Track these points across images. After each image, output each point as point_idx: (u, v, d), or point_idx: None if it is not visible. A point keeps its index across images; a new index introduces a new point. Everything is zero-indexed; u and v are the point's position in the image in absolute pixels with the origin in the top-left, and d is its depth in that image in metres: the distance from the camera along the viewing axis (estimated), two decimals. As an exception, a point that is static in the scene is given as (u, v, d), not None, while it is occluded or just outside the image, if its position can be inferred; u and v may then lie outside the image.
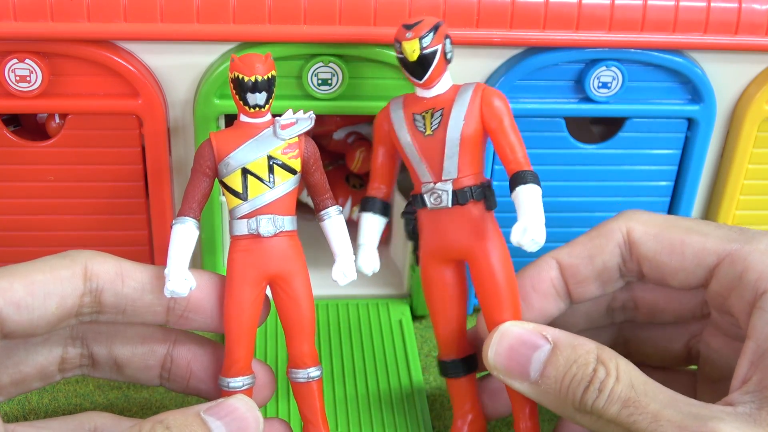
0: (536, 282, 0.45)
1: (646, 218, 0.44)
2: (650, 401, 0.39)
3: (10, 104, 0.50)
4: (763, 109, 0.54)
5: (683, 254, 0.43)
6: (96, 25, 0.48)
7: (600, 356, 0.41)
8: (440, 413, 0.53)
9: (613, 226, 0.45)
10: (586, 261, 0.45)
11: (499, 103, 0.45)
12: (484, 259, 0.45)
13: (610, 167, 0.55)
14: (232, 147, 0.44)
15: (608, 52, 0.52)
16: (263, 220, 0.44)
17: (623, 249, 0.44)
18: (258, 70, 0.43)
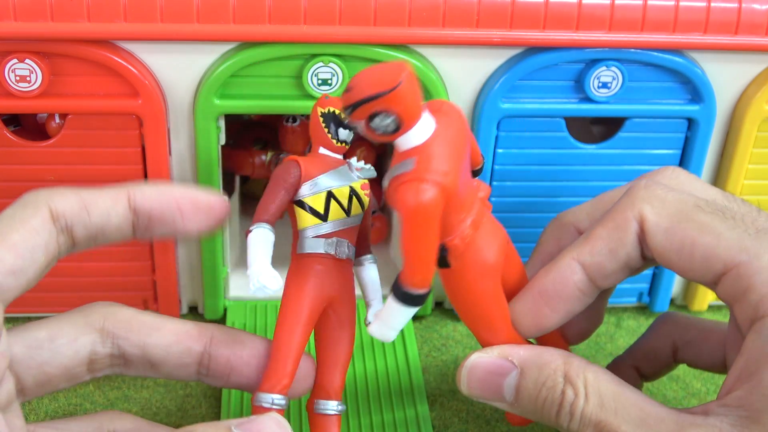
0: (561, 288, 0.43)
1: (660, 204, 0.41)
2: (621, 422, 0.39)
3: (10, 104, 0.50)
4: (763, 109, 0.54)
5: (692, 255, 0.40)
6: (96, 25, 0.48)
7: (567, 374, 0.41)
8: (440, 413, 0.53)
9: (628, 215, 0.42)
10: (609, 257, 0.42)
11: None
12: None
13: (610, 167, 0.55)
14: (319, 171, 0.44)
15: (608, 52, 0.52)
16: (341, 242, 0.45)
17: (641, 238, 0.42)
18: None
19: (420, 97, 0.38)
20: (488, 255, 0.43)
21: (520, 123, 0.53)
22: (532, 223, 0.56)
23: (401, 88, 0.37)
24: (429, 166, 0.38)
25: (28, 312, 0.55)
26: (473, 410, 0.53)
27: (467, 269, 0.43)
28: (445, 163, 0.38)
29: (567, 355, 0.42)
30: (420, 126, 0.39)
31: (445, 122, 0.40)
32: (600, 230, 0.42)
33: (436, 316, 0.60)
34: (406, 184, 0.38)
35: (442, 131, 0.39)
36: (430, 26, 0.50)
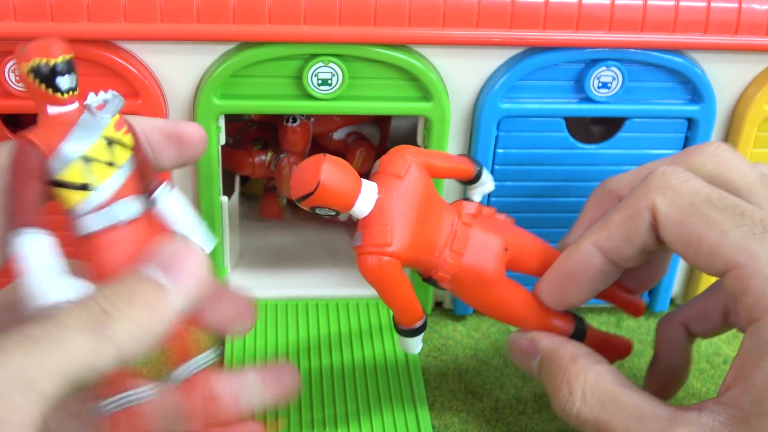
0: (582, 270, 0.45)
1: (673, 195, 0.42)
2: (619, 420, 0.41)
3: (10, 104, 0.50)
4: (763, 109, 0.54)
5: (698, 250, 0.41)
6: (96, 25, 0.48)
7: (568, 374, 0.44)
8: (440, 413, 0.53)
9: (641, 204, 0.43)
10: (626, 243, 0.44)
11: None
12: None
13: (610, 167, 0.55)
14: (60, 138, 0.37)
15: (608, 52, 0.52)
16: (125, 202, 0.38)
17: (655, 226, 0.43)
18: (60, 50, 0.36)
19: (347, 184, 0.42)
20: (482, 269, 0.45)
21: (520, 123, 0.53)
22: (532, 223, 0.56)
23: (319, 191, 0.41)
24: (371, 240, 0.42)
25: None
26: (473, 410, 0.53)
27: (466, 288, 0.46)
28: (387, 234, 0.42)
29: (577, 354, 0.44)
30: (360, 202, 0.42)
31: (389, 187, 0.43)
32: (616, 217, 0.44)
33: (436, 316, 0.60)
34: (359, 257, 0.43)
35: (385, 199, 0.43)
36: (430, 26, 0.50)
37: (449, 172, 0.48)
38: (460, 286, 0.46)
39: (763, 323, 0.38)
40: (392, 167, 0.44)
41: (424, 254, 0.44)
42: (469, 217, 0.46)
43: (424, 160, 0.45)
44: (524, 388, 0.55)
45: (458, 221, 0.45)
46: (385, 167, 0.44)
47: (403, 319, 0.45)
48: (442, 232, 0.45)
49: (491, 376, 0.56)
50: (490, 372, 0.56)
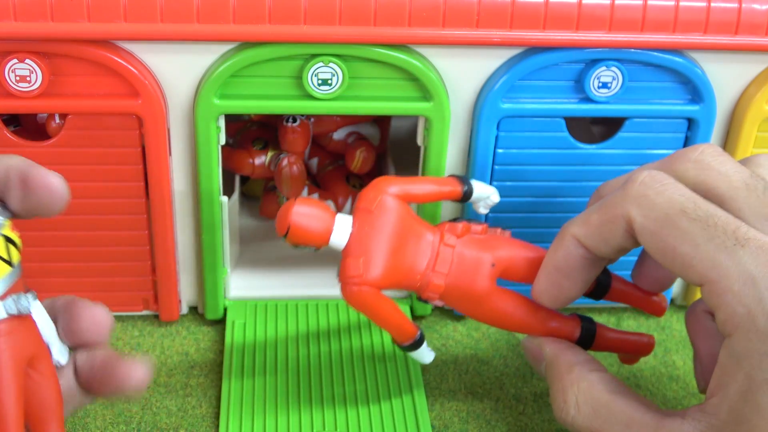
0: (569, 261, 0.46)
1: (648, 206, 0.42)
2: (609, 427, 0.43)
3: (10, 104, 0.49)
4: (763, 109, 0.54)
5: (674, 262, 0.41)
6: (96, 25, 0.48)
7: (564, 384, 0.46)
8: (440, 413, 0.53)
9: (617, 212, 0.43)
10: (602, 243, 0.44)
11: None
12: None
13: (610, 167, 0.55)
14: None
15: (608, 52, 0.52)
16: (19, 297, 0.38)
17: (631, 233, 0.43)
18: None
19: (319, 222, 0.46)
20: (468, 287, 0.48)
21: (520, 123, 0.53)
22: (532, 223, 0.56)
23: (290, 234, 0.46)
24: (347, 272, 0.46)
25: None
26: (473, 410, 0.53)
27: (460, 304, 0.49)
28: (359, 266, 0.46)
29: (573, 363, 0.46)
30: (335, 236, 0.47)
31: (362, 221, 0.47)
32: (594, 218, 0.45)
33: (436, 316, 0.60)
34: (341, 287, 0.47)
35: (357, 232, 0.47)
36: (430, 26, 0.50)
37: (431, 196, 0.50)
38: (453, 303, 0.49)
39: (736, 338, 0.39)
40: (363, 202, 0.48)
41: (404, 279, 0.47)
42: (452, 238, 0.48)
43: (401, 190, 0.48)
44: (524, 388, 0.55)
45: (440, 243, 0.48)
46: (359, 203, 0.48)
47: (397, 337, 0.49)
48: (422, 256, 0.48)
49: (491, 376, 0.56)
50: (490, 372, 0.56)
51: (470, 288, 0.48)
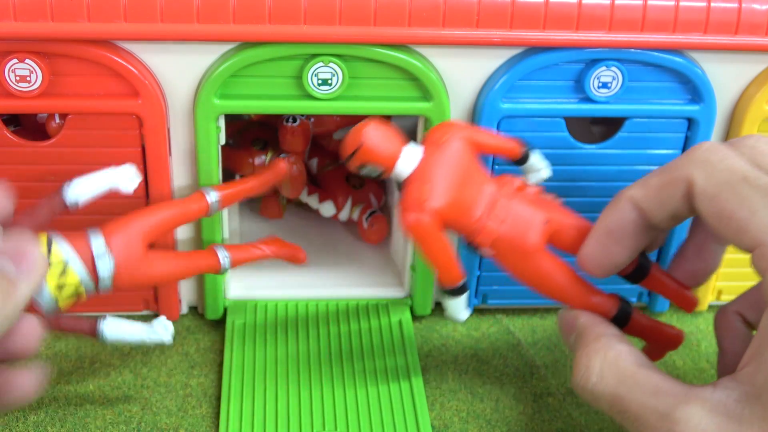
0: (622, 225, 0.46)
1: (711, 170, 0.43)
2: (635, 395, 0.42)
3: (10, 104, 0.50)
4: (763, 109, 0.54)
5: (728, 227, 0.42)
6: (96, 25, 0.48)
7: (589, 351, 0.45)
8: (440, 413, 0.53)
9: (679, 175, 0.44)
10: (658, 206, 0.45)
11: None
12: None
13: (609, 167, 0.55)
14: None
15: (608, 52, 0.52)
16: None
17: (689, 198, 0.44)
18: None
19: (390, 144, 0.47)
20: (521, 239, 0.48)
21: (520, 123, 0.53)
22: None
23: (360, 152, 0.47)
24: (412, 196, 0.46)
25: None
26: (473, 410, 0.53)
27: (507, 254, 0.48)
28: (425, 191, 0.46)
29: (602, 334, 0.46)
30: (402, 162, 0.47)
31: (431, 150, 0.48)
32: (654, 180, 0.45)
33: (436, 315, 0.60)
34: (400, 212, 0.47)
35: (426, 160, 0.47)
36: (430, 26, 0.50)
37: (494, 148, 0.51)
38: (500, 254, 0.49)
39: None
40: (433, 136, 0.48)
41: (462, 216, 0.47)
42: (511, 190, 0.49)
43: (469, 134, 0.49)
44: (524, 388, 0.55)
45: (499, 192, 0.48)
46: (428, 137, 0.48)
47: (442, 277, 0.49)
48: (481, 200, 0.48)
49: (491, 376, 0.56)
50: (490, 372, 0.56)
51: (522, 240, 0.48)
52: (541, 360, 0.57)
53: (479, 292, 0.59)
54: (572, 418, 0.53)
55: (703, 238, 0.50)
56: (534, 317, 0.61)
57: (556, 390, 0.55)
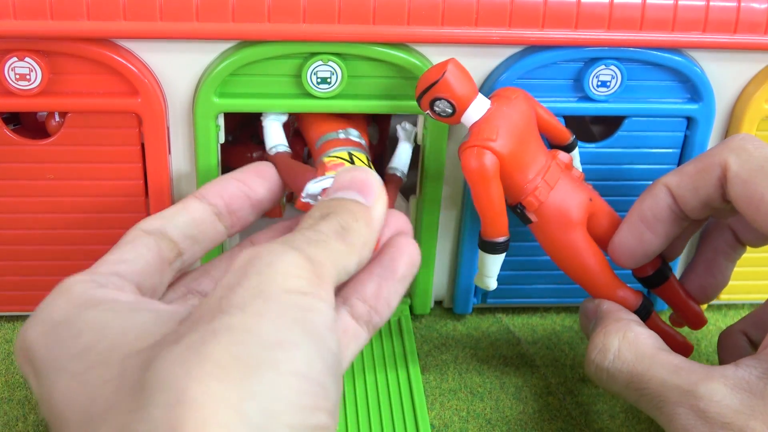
0: (656, 211, 0.48)
1: (746, 156, 0.45)
2: (655, 372, 0.43)
3: (10, 102, 0.50)
4: (762, 107, 0.54)
5: (758, 210, 0.43)
6: (95, 24, 0.48)
7: (607, 330, 0.46)
8: (440, 413, 0.53)
9: (715, 160, 0.45)
10: (692, 192, 0.46)
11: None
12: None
13: (608, 166, 0.55)
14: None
15: (607, 51, 0.52)
16: None
17: (723, 183, 0.45)
18: None
19: (467, 85, 0.48)
20: (567, 209, 0.49)
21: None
22: (532, 222, 0.57)
23: (445, 78, 0.47)
24: (479, 135, 0.47)
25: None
26: (473, 410, 0.53)
27: (549, 223, 0.49)
28: (493, 132, 0.47)
29: (622, 317, 0.48)
30: (474, 107, 0.48)
31: (501, 102, 0.48)
32: (689, 167, 0.47)
33: (436, 315, 0.61)
34: (462, 152, 0.47)
35: (495, 109, 0.48)
36: (429, 25, 0.50)
37: (550, 126, 0.52)
38: (542, 223, 0.50)
39: None
40: (505, 91, 0.49)
41: (519, 172, 0.48)
42: (562, 165, 0.50)
43: (535, 103, 0.51)
44: (524, 387, 0.55)
45: (553, 160, 0.50)
46: (499, 91, 0.50)
47: (488, 227, 0.49)
48: (537, 162, 0.49)
49: (491, 376, 0.56)
50: (490, 372, 0.56)
51: (567, 211, 0.49)
52: (541, 360, 0.57)
53: (479, 290, 0.59)
54: (572, 417, 0.53)
55: (713, 255, 0.51)
56: (534, 316, 0.61)
57: (556, 389, 0.55)
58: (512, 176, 0.48)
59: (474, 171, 0.47)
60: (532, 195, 0.48)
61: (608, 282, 0.50)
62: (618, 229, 0.50)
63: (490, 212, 0.48)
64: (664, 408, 0.42)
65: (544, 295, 0.60)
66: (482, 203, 0.48)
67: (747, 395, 0.40)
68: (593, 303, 0.50)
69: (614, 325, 0.46)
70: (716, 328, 0.60)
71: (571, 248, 0.50)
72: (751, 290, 0.61)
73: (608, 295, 0.50)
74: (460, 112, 0.48)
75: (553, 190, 0.49)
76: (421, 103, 0.48)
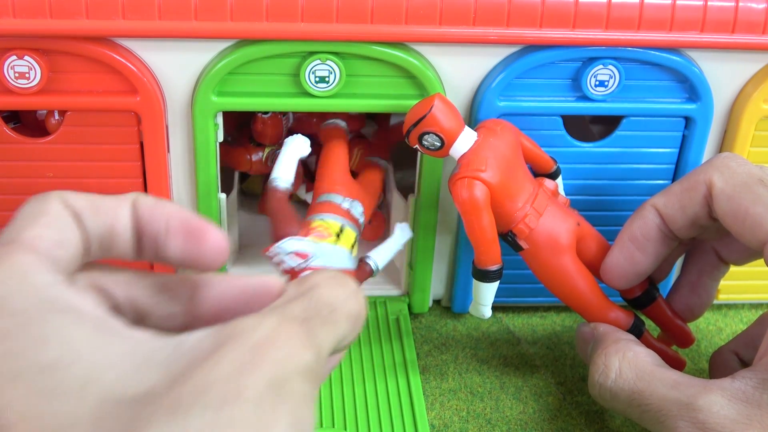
0: (646, 232, 0.49)
1: (729, 174, 0.46)
2: (654, 388, 0.44)
3: (10, 101, 0.50)
4: (760, 107, 0.54)
5: (744, 224, 0.44)
6: (95, 22, 0.48)
7: (608, 351, 0.47)
8: (440, 413, 0.53)
9: (700, 179, 0.47)
10: (680, 211, 0.48)
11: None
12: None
13: (607, 165, 0.55)
14: None
15: (605, 51, 0.52)
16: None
17: (709, 201, 0.47)
18: None
19: (454, 119, 0.49)
20: (557, 235, 0.50)
21: (517, 121, 0.53)
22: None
23: (432, 114, 0.48)
24: (468, 167, 0.48)
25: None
26: (473, 410, 0.53)
27: (540, 249, 0.50)
28: (482, 163, 0.48)
29: (621, 338, 0.48)
30: (462, 140, 0.49)
31: (487, 134, 0.49)
32: (676, 187, 0.48)
33: (436, 315, 0.61)
34: (453, 184, 0.48)
35: (482, 141, 0.49)
36: (427, 24, 0.50)
37: (534, 155, 0.53)
38: (532, 249, 0.50)
39: None
40: (490, 123, 0.51)
41: (508, 200, 0.49)
42: (548, 192, 0.51)
43: (517, 132, 0.51)
44: (524, 388, 0.55)
45: (540, 188, 0.51)
46: (485, 123, 0.51)
47: (481, 255, 0.49)
48: (525, 190, 0.50)
49: (491, 376, 0.56)
50: (490, 372, 0.56)
51: (557, 237, 0.50)
52: (541, 360, 0.57)
53: (477, 290, 0.59)
54: (572, 417, 0.53)
55: (698, 276, 0.53)
56: (534, 316, 0.61)
57: (556, 390, 0.55)
58: (502, 205, 0.49)
59: (465, 202, 0.47)
60: (522, 222, 0.49)
61: (600, 304, 0.51)
62: (609, 251, 0.51)
63: (483, 241, 0.49)
64: (665, 422, 0.43)
65: (544, 295, 0.59)
66: (475, 233, 0.48)
67: (744, 405, 0.41)
68: (589, 327, 0.51)
69: (613, 346, 0.47)
70: (716, 328, 0.60)
71: (563, 273, 0.51)
72: (750, 290, 0.61)
73: (601, 316, 0.51)
74: (449, 144, 0.49)
75: (542, 217, 0.50)
76: (410, 137, 0.49)
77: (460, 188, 0.48)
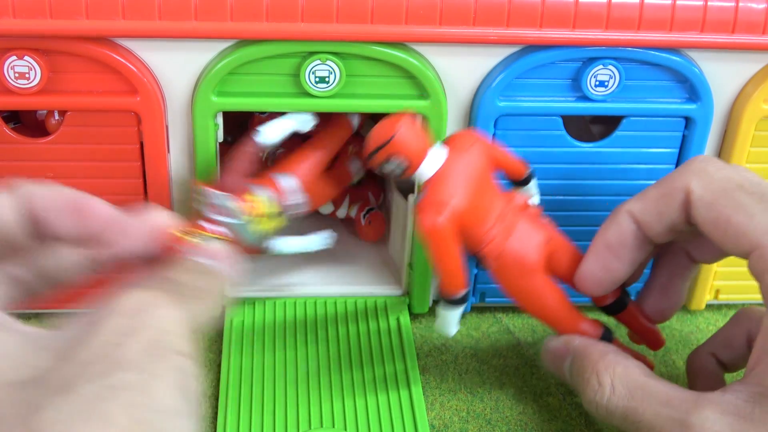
0: (621, 238, 0.48)
1: (708, 179, 0.45)
2: (647, 406, 0.43)
3: (10, 101, 0.50)
4: (760, 108, 0.54)
5: (726, 231, 0.43)
6: (94, 23, 0.48)
7: (598, 368, 0.46)
8: (440, 413, 0.53)
9: (677, 185, 0.46)
10: (656, 217, 0.47)
11: None
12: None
13: (607, 166, 0.55)
14: None
15: (605, 51, 0.52)
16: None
17: (687, 207, 0.46)
18: None
19: (420, 140, 0.47)
20: (525, 255, 0.49)
21: (517, 121, 0.53)
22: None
23: (397, 137, 0.46)
24: (434, 195, 0.47)
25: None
26: (473, 410, 0.53)
27: (508, 269, 0.49)
28: (448, 189, 0.47)
29: (606, 351, 0.47)
30: (428, 162, 0.47)
31: (455, 153, 0.48)
32: (652, 192, 0.47)
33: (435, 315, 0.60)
34: (419, 213, 0.46)
35: (449, 164, 0.47)
36: (427, 24, 0.50)
37: (506, 164, 0.51)
38: (502, 268, 0.49)
39: None
40: (460, 139, 0.49)
41: (476, 224, 0.48)
42: (517, 207, 0.50)
43: (490, 147, 0.50)
44: (524, 388, 0.55)
45: (507, 208, 0.49)
46: (453, 142, 0.49)
47: (446, 283, 0.48)
48: (493, 211, 0.49)
49: (491, 376, 0.56)
50: (490, 372, 0.56)
51: (525, 256, 0.49)
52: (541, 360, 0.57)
53: (477, 290, 0.59)
54: (572, 417, 0.53)
55: (668, 278, 0.52)
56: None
57: (556, 390, 0.55)
58: (471, 228, 0.48)
59: (431, 231, 0.46)
60: (490, 245, 0.48)
61: (570, 317, 0.51)
62: (584, 259, 0.50)
63: (447, 270, 0.48)
64: None
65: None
66: (440, 262, 0.47)
67: (735, 419, 0.41)
68: (560, 341, 0.50)
69: (602, 362, 0.46)
70: (716, 328, 0.60)
71: (531, 292, 0.50)
72: (750, 290, 0.61)
73: (572, 329, 0.50)
74: (413, 169, 0.47)
75: (511, 237, 0.49)
76: (373, 162, 0.47)
77: (425, 217, 0.46)
